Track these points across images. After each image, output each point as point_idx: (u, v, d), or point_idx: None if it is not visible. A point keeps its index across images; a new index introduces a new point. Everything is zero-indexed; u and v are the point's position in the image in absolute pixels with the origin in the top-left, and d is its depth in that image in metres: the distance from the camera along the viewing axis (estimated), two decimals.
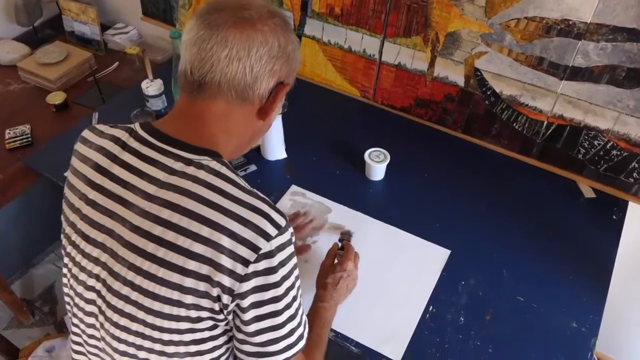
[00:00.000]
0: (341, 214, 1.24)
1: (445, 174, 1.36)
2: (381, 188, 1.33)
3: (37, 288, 2.01)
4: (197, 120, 0.74)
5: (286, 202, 1.27)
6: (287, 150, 1.40)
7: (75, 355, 0.89)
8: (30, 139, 1.55)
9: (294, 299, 0.73)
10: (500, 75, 1.30)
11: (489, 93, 1.34)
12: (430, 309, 1.06)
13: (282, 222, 0.69)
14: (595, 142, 1.26)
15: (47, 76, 1.71)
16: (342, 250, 1.07)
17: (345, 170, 1.36)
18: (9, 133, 1.56)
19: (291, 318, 0.73)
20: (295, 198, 1.28)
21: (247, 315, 0.69)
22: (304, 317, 0.78)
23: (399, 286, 1.10)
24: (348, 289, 1.03)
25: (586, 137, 1.27)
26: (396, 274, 1.12)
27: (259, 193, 0.72)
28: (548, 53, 1.20)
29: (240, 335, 0.73)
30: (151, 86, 1.47)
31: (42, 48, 1.83)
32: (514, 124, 1.35)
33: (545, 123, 1.31)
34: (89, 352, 0.85)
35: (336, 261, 1.05)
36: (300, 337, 0.76)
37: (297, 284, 0.74)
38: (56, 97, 1.65)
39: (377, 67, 1.49)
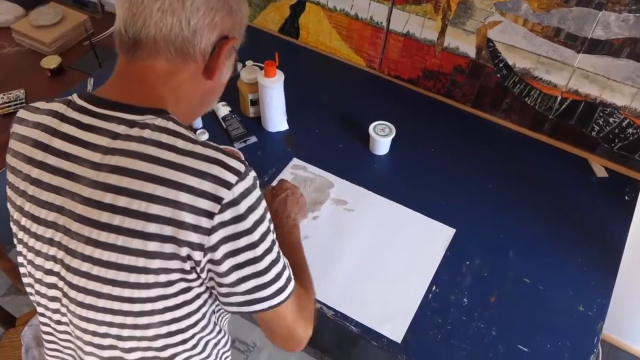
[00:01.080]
0: (343, 189, 1.20)
1: (452, 150, 1.31)
2: (385, 163, 1.28)
3: None
4: (138, 82, 0.70)
5: (287, 176, 1.23)
6: (288, 121, 1.35)
7: (47, 345, 0.84)
8: (24, 104, 1.50)
9: (273, 242, 0.70)
10: (514, 47, 1.23)
11: (501, 65, 1.28)
12: (433, 289, 1.03)
13: (240, 167, 0.65)
14: (611, 120, 1.21)
15: (42, 39, 1.65)
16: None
17: (348, 143, 1.32)
18: (3, 98, 1.52)
19: (274, 262, 0.70)
20: (297, 171, 1.24)
21: (224, 267, 0.66)
22: (285, 260, 0.75)
23: (401, 265, 1.07)
24: (299, 204, 1.02)
25: (601, 114, 1.21)
26: (399, 253, 1.09)
27: (211, 142, 0.68)
28: (566, 24, 1.14)
29: (223, 289, 0.69)
30: None
31: (36, 9, 1.76)
32: (526, 99, 1.30)
33: (559, 98, 1.25)
34: (60, 339, 0.81)
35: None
36: (289, 279, 0.73)
37: (272, 227, 0.70)
38: (51, 61, 1.60)
39: (384, 35, 1.42)
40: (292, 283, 0.74)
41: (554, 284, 1.05)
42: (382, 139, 1.25)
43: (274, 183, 1.04)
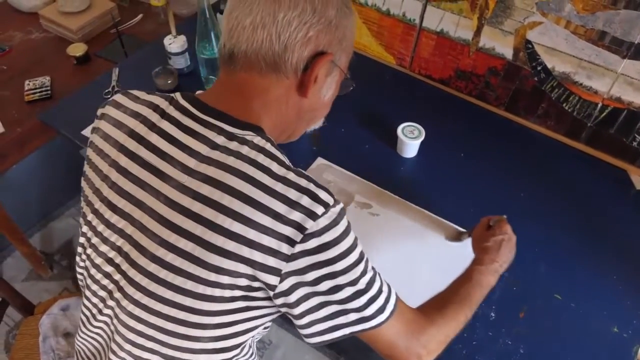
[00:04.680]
0: (368, 192, 1.17)
1: (482, 155, 1.26)
2: (413, 166, 1.24)
3: (57, 241, 2.01)
4: (236, 93, 0.70)
5: (312, 176, 1.19)
6: None
7: (82, 328, 0.84)
8: (49, 91, 1.50)
9: (362, 274, 0.67)
10: (555, 50, 1.17)
11: (539, 69, 1.22)
12: None
13: (329, 200, 0.63)
14: None
15: (69, 26, 1.64)
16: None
17: (375, 144, 1.28)
18: (29, 84, 1.51)
19: (360, 293, 0.66)
20: (321, 171, 1.21)
21: (296, 295, 0.64)
22: (385, 288, 0.71)
23: (426, 273, 1.03)
24: (511, 254, 0.93)
25: None
26: (424, 260, 1.05)
27: (303, 171, 0.66)
28: (612, 27, 1.08)
29: (301, 321, 0.68)
30: (174, 42, 1.38)
31: None
32: (564, 104, 1.24)
33: (599, 105, 1.19)
34: (94, 327, 0.80)
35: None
36: (379, 311, 0.69)
37: (363, 259, 0.68)
38: (77, 49, 1.59)
39: (416, 33, 1.37)
40: (384, 315, 0.70)
41: (587, 302, 1.00)
42: (411, 141, 1.20)
43: (494, 219, 0.97)
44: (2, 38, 1.67)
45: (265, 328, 0.78)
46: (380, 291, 0.70)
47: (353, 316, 0.67)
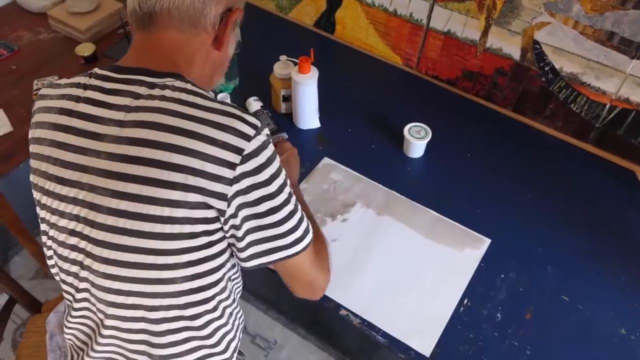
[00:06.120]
0: (374, 192, 1.16)
1: (489, 155, 1.26)
2: (420, 167, 1.23)
3: None
4: (154, 50, 0.74)
5: (318, 175, 1.20)
6: (320, 119, 1.31)
7: (71, 312, 0.85)
8: None
9: (290, 194, 0.73)
10: (562, 50, 1.17)
11: (547, 69, 1.21)
12: (465, 302, 0.99)
13: (256, 122, 0.69)
14: None
15: (77, 26, 1.65)
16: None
17: (381, 144, 1.27)
18: (37, 84, 1.52)
19: (292, 213, 0.73)
20: (327, 171, 1.21)
21: (240, 215, 0.69)
22: (303, 212, 0.77)
23: (432, 275, 1.03)
24: (297, 163, 1.08)
25: None
26: (430, 262, 1.05)
27: (227, 101, 0.70)
28: (620, 27, 1.07)
29: (241, 244, 0.72)
30: None
31: None
32: (572, 105, 1.23)
33: (607, 106, 1.18)
34: (78, 308, 0.81)
35: None
36: (307, 230, 0.77)
37: (288, 180, 0.74)
38: (85, 49, 1.59)
39: (423, 33, 1.37)
40: (310, 235, 0.77)
41: (594, 303, 0.99)
42: (417, 141, 1.20)
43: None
44: (11, 38, 1.69)
45: (234, 266, 0.81)
46: (302, 213, 0.77)
47: (290, 238, 0.73)
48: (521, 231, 1.10)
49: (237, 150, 0.65)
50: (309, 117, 1.29)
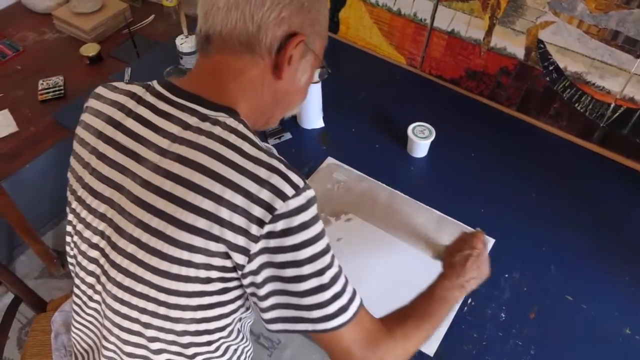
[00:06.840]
0: (378, 191, 1.17)
1: (493, 155, 1.26)
2: (423, 166, 1.23)
3: None
4: (211, 76, 0.71)
5: (321, 175, 1.20)
6: (324, 119, 1.31)
7: (75, 317, 0.85)
8: (63, 91, 1.51)
9: (327, 267, 0.65)
10: (567, 49, 1.17)
11: (551, 68, 1.21)
12: (469, 301, 0.99)
13: (300, 182, 0.63)
14: None
15: (82, 26, 1.66)
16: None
17: (385, 144, 1.27)
18: (42, 84, 1.53)
19: (323, 288, 0.65)
20: (331, 171, 1.21)
21: (261, 276, 0.64)
22: (349, 288, 0.69)
23: (437, 273, 1.02)
24: (480, 270, 0.89)
25: None
26: (433, 261, 1.04)
27: (275, 153, 0.67)
28: (625, 26, 1.07)
29: (262, 303, 0.67)
30: (185, 42, 1.39)
31: None
32: (576, 105, 1.23)
33: (612, 105, 1.18)
34: (87, 315, 0.82)
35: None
36: (343, 309, 0.67)
37: (330, 251, 0.66)
38: (90, 49, 1.60)
39: (427, 33, 1.37)
40: (350, 313, 0.67)
41: (598, 303, 0.99)
42: (421, 141, 1.20)
43: (468, 233, 0.94)
44: (17, 38, 1.69)
45: (247, 309, 0.76)
46: (344, 290, 0.68)
47: (316, 313, 0.65)
48: (525, 231, 1.10)
49: (269, 208, 0.61)
50: (312, 116, 1.29)
